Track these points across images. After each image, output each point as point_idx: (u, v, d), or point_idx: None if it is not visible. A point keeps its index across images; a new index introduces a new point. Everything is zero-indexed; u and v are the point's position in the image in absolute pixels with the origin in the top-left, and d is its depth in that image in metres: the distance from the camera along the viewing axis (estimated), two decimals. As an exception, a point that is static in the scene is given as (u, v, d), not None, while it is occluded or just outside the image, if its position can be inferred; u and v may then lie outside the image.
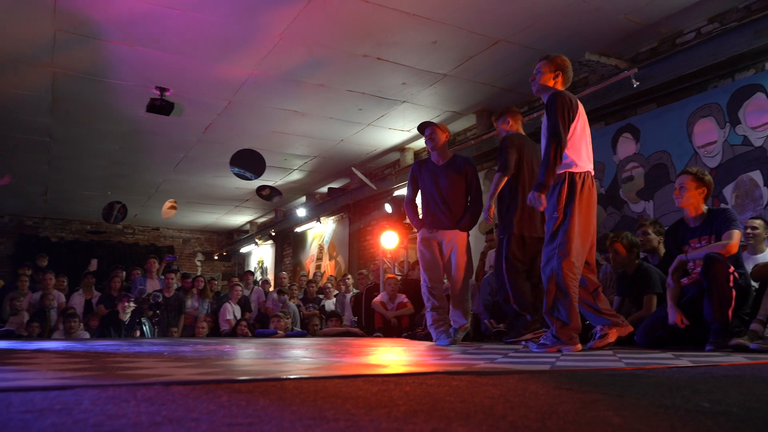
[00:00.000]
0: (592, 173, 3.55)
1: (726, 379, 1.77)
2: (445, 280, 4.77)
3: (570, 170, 3.45)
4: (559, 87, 3.63)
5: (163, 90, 6.66)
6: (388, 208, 7.97)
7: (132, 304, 7.31)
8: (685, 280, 3.73)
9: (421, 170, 4.75)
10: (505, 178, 4.27)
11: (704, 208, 3.71)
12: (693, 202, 3.70)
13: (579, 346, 3.38)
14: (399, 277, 7.52)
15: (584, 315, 3.57)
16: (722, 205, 4.76)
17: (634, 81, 5.40)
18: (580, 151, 3.50)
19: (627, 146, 5.89)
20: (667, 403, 1.21)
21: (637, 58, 5.84)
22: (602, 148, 6.10)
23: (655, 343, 3.73)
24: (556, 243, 3.40)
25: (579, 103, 3.58)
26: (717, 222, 3.61)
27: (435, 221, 4.59)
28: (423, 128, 4.88)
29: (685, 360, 2.53)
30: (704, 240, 3.66)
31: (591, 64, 5.59)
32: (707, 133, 5.20)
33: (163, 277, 8.30)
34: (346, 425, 0.95)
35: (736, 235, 3.52)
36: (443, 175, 4.63)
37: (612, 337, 3.42)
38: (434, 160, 4.74)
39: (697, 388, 1.51)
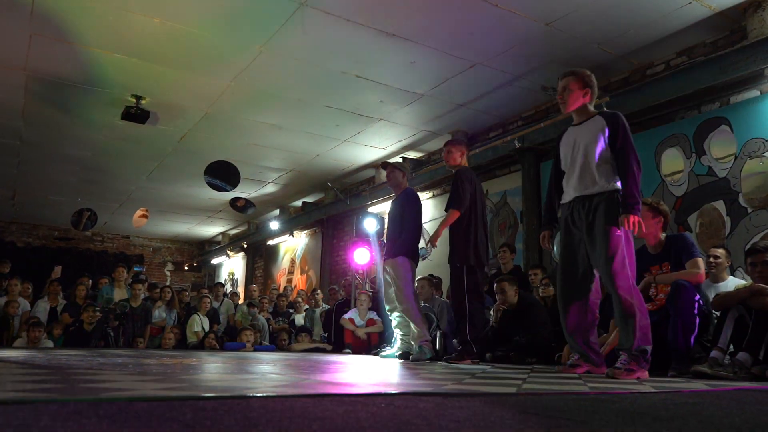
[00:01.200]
0: None
1: (686, 406, 1.81)
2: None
3: (618, 185, 3.29)
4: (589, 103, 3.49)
5: (139, 98, 6.61)
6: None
7: (97, 313, 7.17)
8: (648, 306, 3.80)
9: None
10: (458, 214, 4.56)
11: (662, 235, 3.82)
12: (652, 232, 3.82)
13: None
14: (370, 294, 7.51)
15: (572, 342, 3.47)
16: (678, 232, 4.88)
17: (605, 109, 5.51)
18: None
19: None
20: (630, 431, 1.23)
21: (609, 87, 5.99)
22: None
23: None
24: (625, 261, 3.17)
25: None
26: (675, 249, 3.73)
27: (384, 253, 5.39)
28: (384, 166, 5.46)
29: (647, 385, 2.58)
30: (665, 266, 3.76)
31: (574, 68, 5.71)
32: (674, 162, 5.34)
33: (130, 287, 8.16)
34: (311, 448, 0.95)
35: (701, 262, 3.62)
36: (392, 209, 5.39)
37: (579, 371, 3.40)
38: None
39: (658, 416, 1.54)
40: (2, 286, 7.99)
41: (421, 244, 8.27)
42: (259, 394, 1.68)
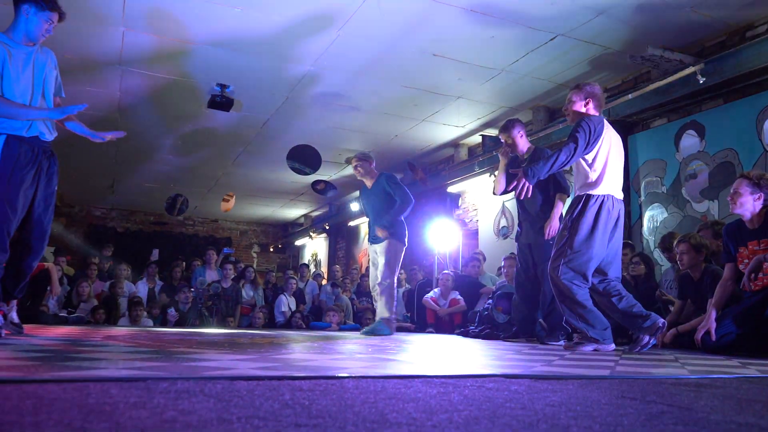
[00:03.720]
0: (617, 196, 3.66)
1: (799, 392, 1.70)
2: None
3: (587, 192, 3.63)
4: (591, 113, 3.76)
5: (223, 87, 6.84)
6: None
7: (190, 295, 7.56)
8: (752, 286, 3.58)
9: None
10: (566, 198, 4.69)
11: (763, 210, 3.58)
12: (748, 208, 3.58)
13: (612, 345, 3.63)
14: (452, 274, 7.49)
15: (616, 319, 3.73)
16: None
17: (699, 76, 5.20)
18: (603, 175, 3.62)
19: (691, 143, 5.68)
20: (740, 420, 1.17)
21: (703, 53, 5.61)
22: (664, 144, 5.91)
23: (718, 349, 3.60)
24: (560, 258, 3.60)
25: (608, 127, 3.71)
26: None
27: None
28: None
29: (752, 369, 2.44)
30: (763, 242, 3.53)
31: (654, 59, 5.41)
32: (780, 130, 4.96)
33: (221, 268, 8.54)
34: (408, 430, 0.97)
35: None
36: (371, 195, 5.92)
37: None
38: None
39: (768, 402, 1.46)
40: (107, 269, 8.56)
41: (504, 222, 8.17)
42: (352, 375, 1.72)
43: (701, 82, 5.21)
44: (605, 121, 3.71)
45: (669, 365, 2.53)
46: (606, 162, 3.64)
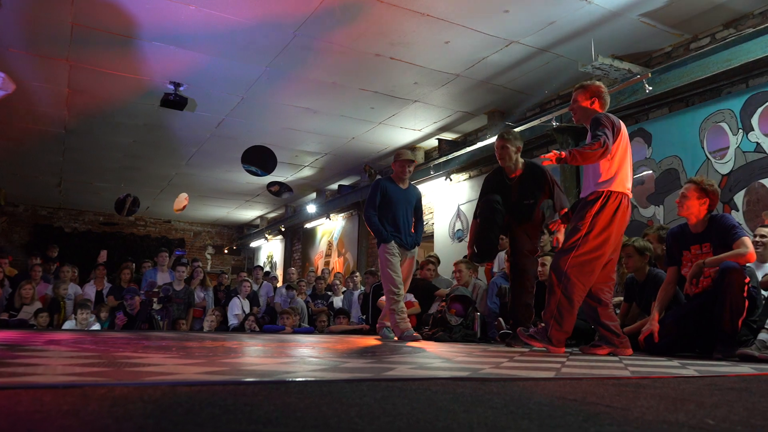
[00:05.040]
0: (630, 196, 3.58)
1: (732, 392, 1.77)
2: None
3: (607, 189, 3.50)
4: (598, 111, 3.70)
5: (177, 85, 6.71)
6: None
7: (139, 299, 7.38)
8: (692, 289, 3.71)
9: None
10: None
11: (706, 215, 3.72)
12: (694, 212, 3.71)
13: (563, 350, 3.56)
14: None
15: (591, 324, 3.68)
16: (722, 213, 4.73)
17: (646, 86, 5.37)
18: (619, 171, 3.54)
19: (638, 150, 5.86)
20: (672, 419, 1.21)
21: (650, 62, 5.81)
22: (614, 151, 6.07)
23: (661, 349, 3.71)
24: (571, 251, 3.48)
25: (622, 125, 3.64)
26: (717, 229, 3.63)
27: None
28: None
29: (691, 369, 2.52)
30: (705, 246, 3.67)
31: (604, 68, 5.56)
32: (719, 139, 5.16)
33: (173, 270, 8.36)
34: (348, 435, 0.96)
35: (748, 241, 3.51)
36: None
37: (601, 352, 3.51)
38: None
39: (702, 402, 1.51)
40: (52, 270, 8.28)
41: (459, 225, 8.24)
42: (297, 379, 1.71)
43: (648, 91, 5.38)
44: (619, 120, 3.66)
45: (612, 366, 2.60)
46: (624, 158, 3.58)
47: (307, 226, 13.03)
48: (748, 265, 3.56)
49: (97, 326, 7.08)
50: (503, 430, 1.04)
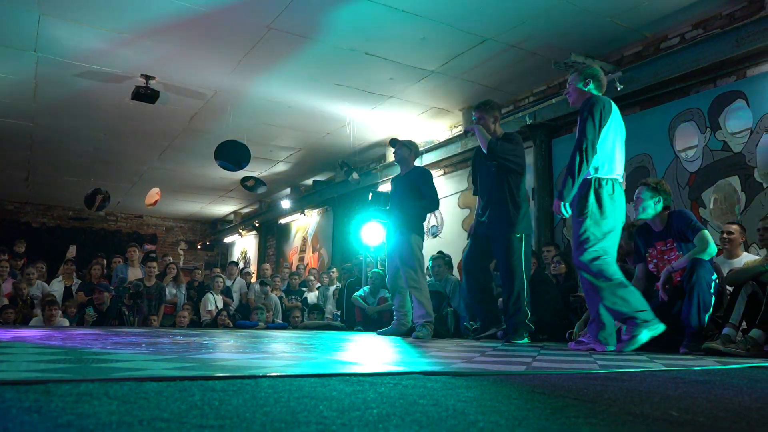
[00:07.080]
0: (621, 179, 3.56)
1: (696, 384, 1.81)
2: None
3: (596, 176, 3.46)
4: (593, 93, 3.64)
5: (148, 78, 6.60)
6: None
7: (109, 294, 7.25)
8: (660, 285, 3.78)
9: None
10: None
11: (664, 212, 3.82)
12: (650, 212, 3.84)
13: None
14: (381, 272, 7.52)
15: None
16: (679, 209, 4.82)
17: (617, 84, 5.44)
18: (609, 156, 3.50)
19: (610, 148, 5.93)
20: (637, 411, 1.23)
21: (621, 61, 5.88)
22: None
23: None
24: (586, 242, 3.41)
25: (613, 106, 3.58)
26: (675, 224, 3.76)
27: None
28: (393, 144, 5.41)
29: (658, 363, 2.57)
30: (669, 242, 3.77)
31: (577, 65, 5.61)
32: (688, 137, 5.26)
33: (143, 265, 8.23)
34: (317, 429, 0.96)
35: (707, 234, 3.59)
36: (399, 185, 5.34)
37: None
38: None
39: (667, 395, 1.54)
40: (18, 266, 8.09)
41: (433, 221, 8.26)
42: (268, 374, 1.69)
43: (619, 89, 5.45)
44: (612, 103, 3.59)
45: (582, 360, 2.64)
46: (615, 144, 3.53)
47: (282, 221, 12.95)
48: (713, 260, 3.65)
49: (66, 323, 6.95)
50: (473, 423, 1.05)
